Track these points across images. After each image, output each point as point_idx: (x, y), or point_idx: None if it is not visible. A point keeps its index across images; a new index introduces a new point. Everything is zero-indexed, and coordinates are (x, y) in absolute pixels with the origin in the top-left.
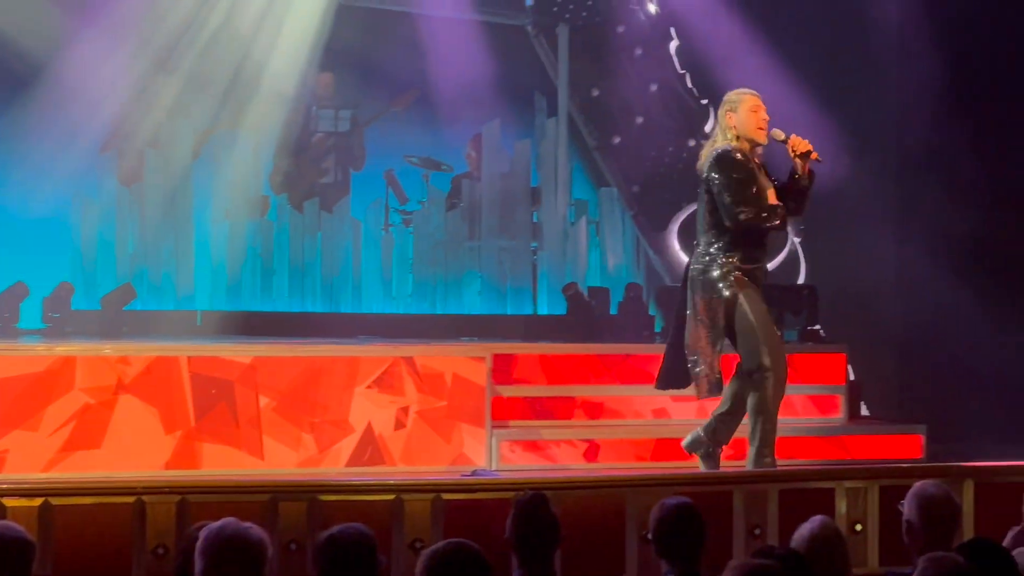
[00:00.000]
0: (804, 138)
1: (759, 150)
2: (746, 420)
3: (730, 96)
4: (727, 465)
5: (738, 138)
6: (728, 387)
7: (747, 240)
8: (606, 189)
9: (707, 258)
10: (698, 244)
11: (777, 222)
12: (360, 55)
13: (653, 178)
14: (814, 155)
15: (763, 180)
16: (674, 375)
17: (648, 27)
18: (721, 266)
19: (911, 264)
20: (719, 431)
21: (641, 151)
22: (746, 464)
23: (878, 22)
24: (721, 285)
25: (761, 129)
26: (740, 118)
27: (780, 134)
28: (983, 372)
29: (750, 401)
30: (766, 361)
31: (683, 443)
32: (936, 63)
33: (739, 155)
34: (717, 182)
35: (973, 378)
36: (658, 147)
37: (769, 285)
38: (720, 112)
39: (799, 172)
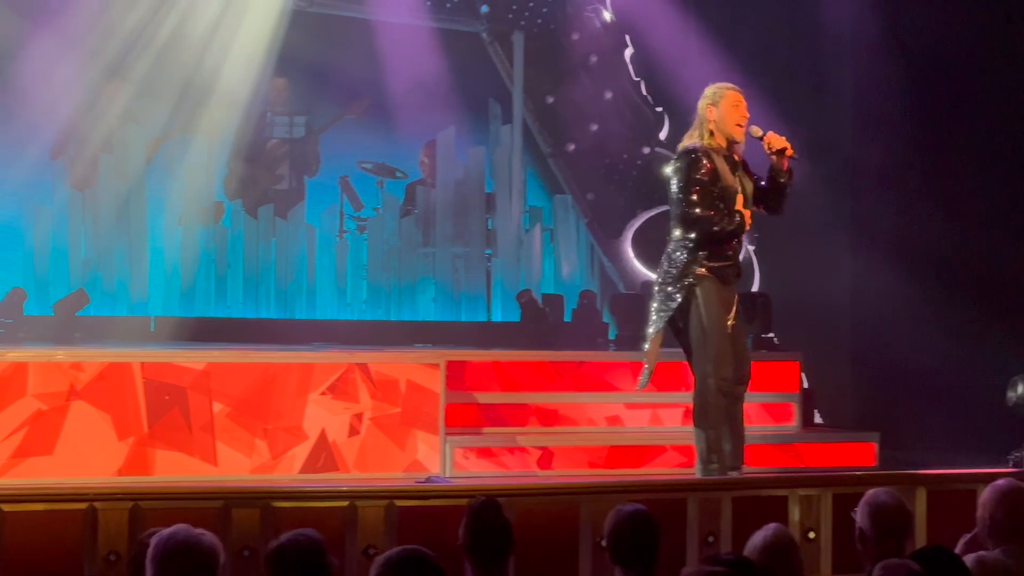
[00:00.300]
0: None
1: (739, 146)
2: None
3: (710, 89)
4: (679, 472)
5: (713, 133)
6: None
7: (713, 237)
8: (560, 196)
9: (673, 254)
10: (668, 240)
11: (728, 228)
12: (315, 61)
13: (608, 185)
14: (790, 151)
15: (731, 180)
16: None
17: (603, 34)
18: (685, 263)
19: (865, 272)
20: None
21: (596, 158)
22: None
23: (833, 32)
24: (682, 282)
25: (740, 126)
26: (720, 112)
27: (757, 131)
28: (936, 381)
29: (694, 407)
30: (708, 367)
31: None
32: (890, 73)
33: (701, 155)
34: (675, 179)
35: (926, 386)
36: (613, 154)
37: None
38: (700, 104)
39: (777, 169)
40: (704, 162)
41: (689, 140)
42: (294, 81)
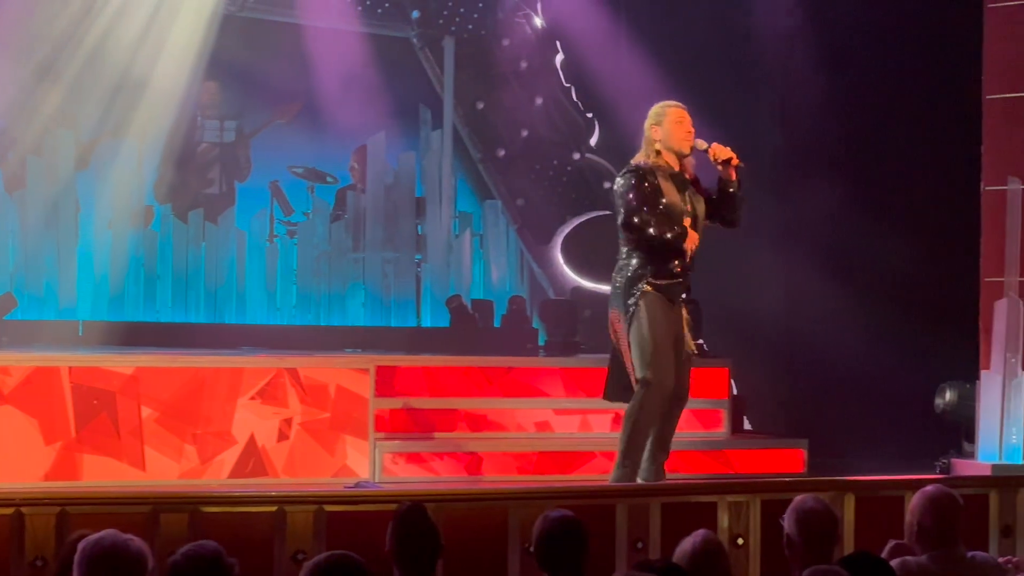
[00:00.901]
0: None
1: (689, 163)
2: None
3: (654, 109)
4: (608, 479)
5: (659, 153)
6: None
7: (660, 254)
8: (490, 202)
9: (620, 270)
10: (618, 257)
11: (666, 235)
12: (246, 66)
13: (537, 191)
14: (735, 161)
15: (677, 199)
16: (620, 386)
17: (534, 41)
18: (630, 279)
19: (795, 279)
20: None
21: (526, 164)
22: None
23: (762, 37)
24: (627, 298)
25: (686, 140)
26: (665, 131)
27: (702, 143)
28: (865, 387)
29: (627, 408)
30: (648, 374)
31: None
32: (820, 80)
33: (645, 172)
34: (619, 195)
35: (855, 393)
36: (543, 160)
37: None
38: (645, 125)
39: (725, 180)
40: (648, 179)
41: (636, 160)
42: (225, 85)
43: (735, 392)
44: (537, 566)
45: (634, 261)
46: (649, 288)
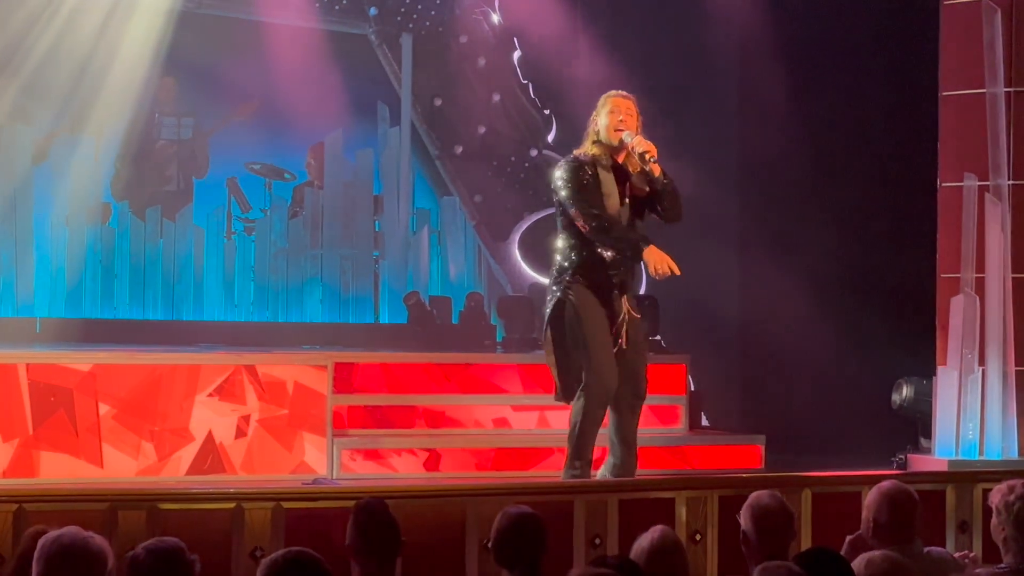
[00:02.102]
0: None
1: (631, 156)
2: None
3: (603, 98)
4: None
5: (597, 142)
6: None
7: (592, 246)
8: (448, 198)
9: (555, 265)
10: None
11: (625, 235)
12: (203, 63)
13: (495, 188)
14: (651, 153)
15: (611, 190)
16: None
17: (491, 37)
18: (561, 272)
19: (752, 275)
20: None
21: (483, 161)
22: None
23: (720, 33)
24: (559, 292)
25: (617, 131)
26: (600, 121)
27: (629, 136)
28: (822, 383)
29: (572, 409)
30: (589, 375)
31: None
32: (776, 73)
33: (583, 162)
34: (561, 188)
35: (812, 389)
36: (500, 157)
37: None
38: (593, 115)
39: (650, 174)
40: (586, 169)
41: (576, 152)
42: (182, 82)
43: (692, 388)
44: (495, 562)
45: (565, 254)
46: (582, 281)
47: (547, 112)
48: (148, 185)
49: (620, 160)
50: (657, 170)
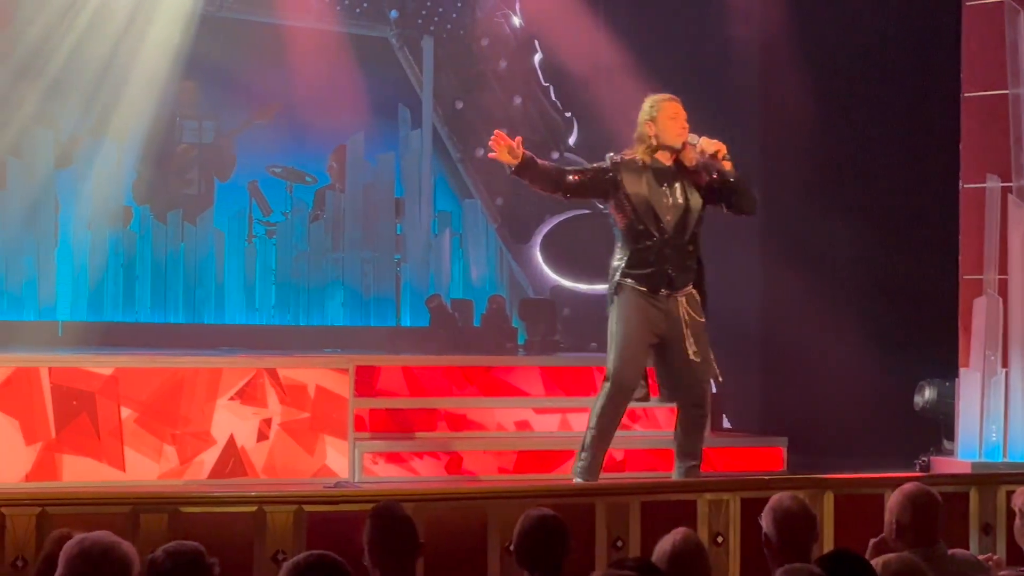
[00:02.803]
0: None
1: (690, 153)
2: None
3: (647, 103)
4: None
5: (657, 149)
6: None
7: (638, 250)
8: (470, 201)
9: (610, 268)
10: None
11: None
12: (224, 66)
13: (517, 191)
14: (722, 153)
15: (649, 189)
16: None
17: (512, 40)
18: (612, 273)
19: (774, 278)
20: None
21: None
22: None
23: (742, 38)
24: (609, 293)
25: (680, 136)
26: (660, 126)
27: (694, 138)
28: (844, 385)
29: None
30: (608, 371)
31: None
32: (798, 79)
33: (609, 167)
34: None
35: (834, 391)
36: None
37: None
38: (639, 119)
39: (720, 172)
40: (609, 173)
41: (628, 155)
42: (204, 86)
43: (714, 390)
44: (517, 565)
45: (617, 256)
46: (628, 281)
47: (568, 115)
48: (169, 188)
49: (672, 161)
50: (728, 166)
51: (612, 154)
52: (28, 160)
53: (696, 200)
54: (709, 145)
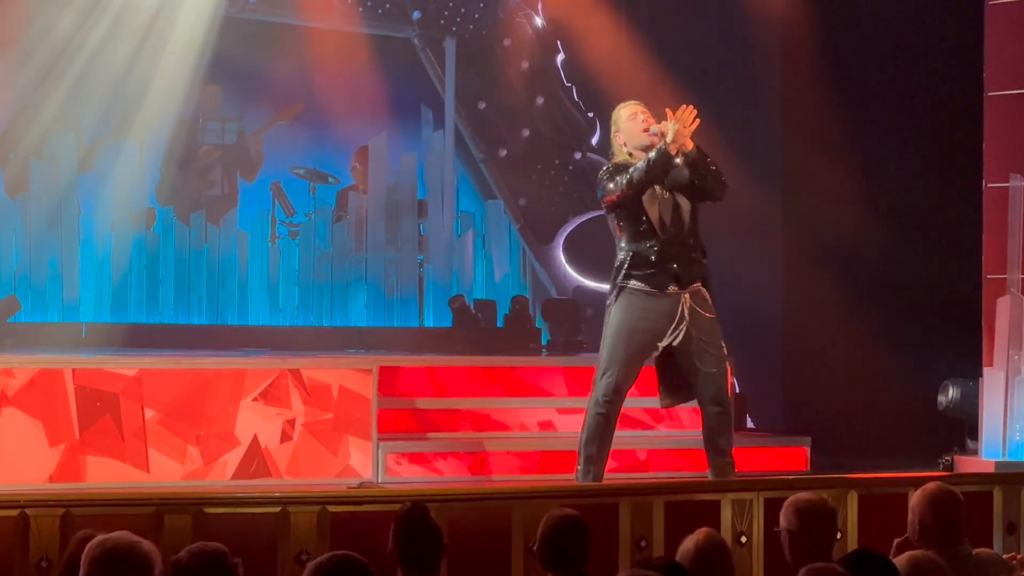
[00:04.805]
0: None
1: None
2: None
3: (613, 116)
4: (611, 477)
5: (631, 154)
6: None
7: (640, 251)
8: (492, 202)
9: (612, 270)
10: None
11: (640, 172)
12: (247, 67)
13: (539, 191)
14: (677, 137)
15: (652, 190)
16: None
17: (534, 40)
18: (615, 275)
19: (796, 277)
20: None
21: (528, 164)
22: None
23: (763, 36)
24: (611, 295)
25: (645, 131)
26: (625, 133)
27: (655, 128)
28: (868, 385)
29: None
30: (597, 373)
31: None
32: (820, 76)
33: (613, 165)
34: (605, 186)
35: (858, 391)
36: (545, 160)
37: None
38: (611, 135)
39: (682, 153)
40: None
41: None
42: (226, 87)
43: (737, 390)
44: (540, 565)
45: (618, 260)
46: (629, 283)
47: (591, 115)
48: (192, 190)
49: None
50: (690, 144)
51: (608, 164)
52: (51, 162)
53: (685, 201)
54: (666, 127)
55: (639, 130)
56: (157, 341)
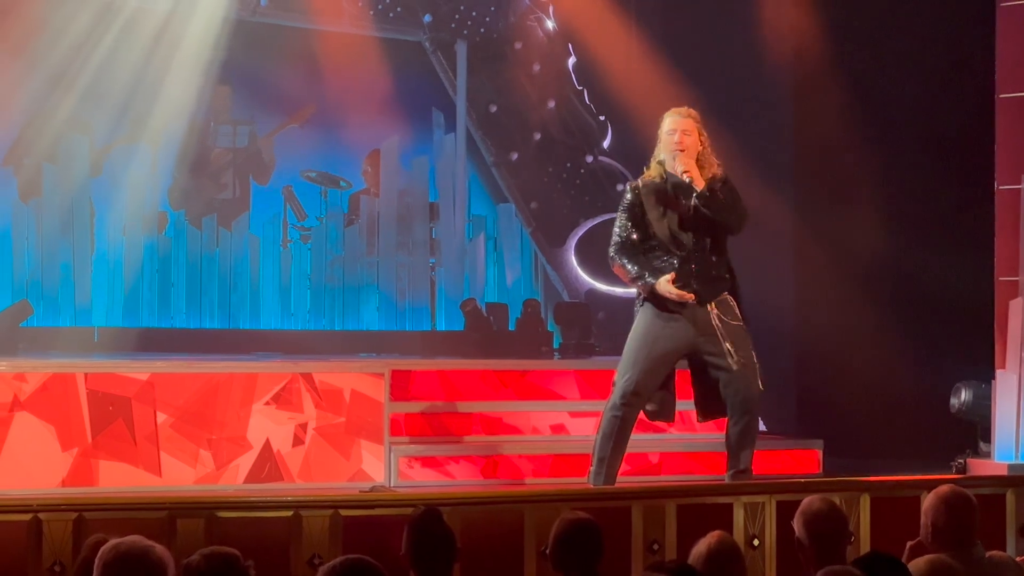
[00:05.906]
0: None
1: (705, 170)
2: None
3: (662, 118)
4: (624, 481)
5: (662, 163)
6: None
7: (662, 268)
8: (504, 205)
9: None
10: None
11: (640, 282)
12: (258, 71)
13: (551, 194)
14: (686, 174)
15: (657, 213)
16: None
17: (546, 44)
18: (637, 288)
19: (808, 280)
20: None
21: (539, 167)
22: None
23: (776, 43)
24: (637, 303)
25: (670, 152)
26: (661, 144)
27: (687, 170)
28: (880, 388)
29: None
30: (616, 376)
31: None
32: (833, 82)
33: (638, 193)
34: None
35: (869, 393)
36: (556, 163)
37: None
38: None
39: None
40: (637, 202)
41: (647, 176)
42: (238, 91)
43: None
44: (553, 568)
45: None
46: (652, 297)
47: (602, 118)
48: (205, 193)
49: (689, 174)
50: (701, 184)
51: (631, 181)
52: (64, 166)
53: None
54: (681, 165)
55: (671, 148)
56: (169, 345)
